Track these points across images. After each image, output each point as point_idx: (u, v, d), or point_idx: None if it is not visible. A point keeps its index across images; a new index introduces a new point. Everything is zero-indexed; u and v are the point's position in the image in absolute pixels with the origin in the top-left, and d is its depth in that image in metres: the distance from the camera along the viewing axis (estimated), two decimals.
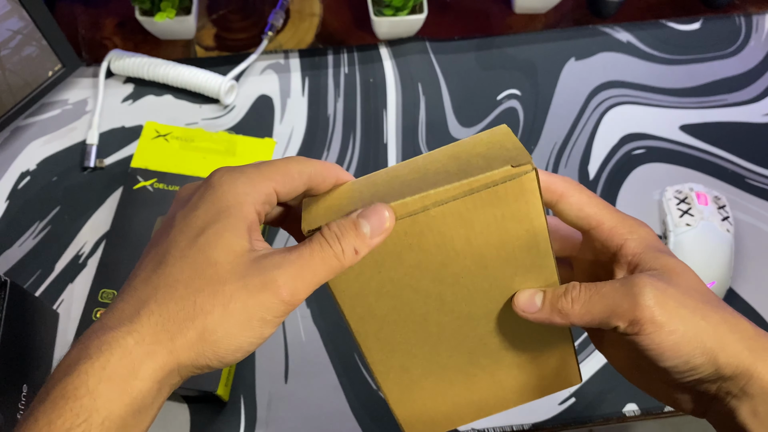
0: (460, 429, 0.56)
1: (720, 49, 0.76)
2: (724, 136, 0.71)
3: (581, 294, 0.35)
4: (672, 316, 0.33)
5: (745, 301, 0.62)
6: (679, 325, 0.33)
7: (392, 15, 0.72)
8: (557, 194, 0.37)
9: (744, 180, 0.68)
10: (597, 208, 0.37)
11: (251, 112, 0.71)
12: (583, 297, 0.35)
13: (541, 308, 0.36)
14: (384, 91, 0.72)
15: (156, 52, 0.73)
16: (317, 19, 0.77)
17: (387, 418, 0.56)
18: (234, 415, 0.56)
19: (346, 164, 0.68)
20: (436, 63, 0.74)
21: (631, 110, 0.72)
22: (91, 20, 0.76)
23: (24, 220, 0.64)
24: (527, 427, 0.56)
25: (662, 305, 0.33)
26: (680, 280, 0.34)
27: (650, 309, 0.33)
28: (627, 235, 0.36)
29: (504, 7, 0.79)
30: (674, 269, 0.34)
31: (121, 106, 0.70)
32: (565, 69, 0.74)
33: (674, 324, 0.33)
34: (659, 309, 0.33)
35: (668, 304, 0.33)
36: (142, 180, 0.61)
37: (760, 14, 0.79)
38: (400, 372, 0.38)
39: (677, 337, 0.33)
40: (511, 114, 0.72)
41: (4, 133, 0.68)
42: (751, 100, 0.73)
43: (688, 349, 0.33)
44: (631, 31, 0.77)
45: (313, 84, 0.72)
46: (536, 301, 0.36)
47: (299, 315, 0.60)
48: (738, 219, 0.66)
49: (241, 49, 0.74)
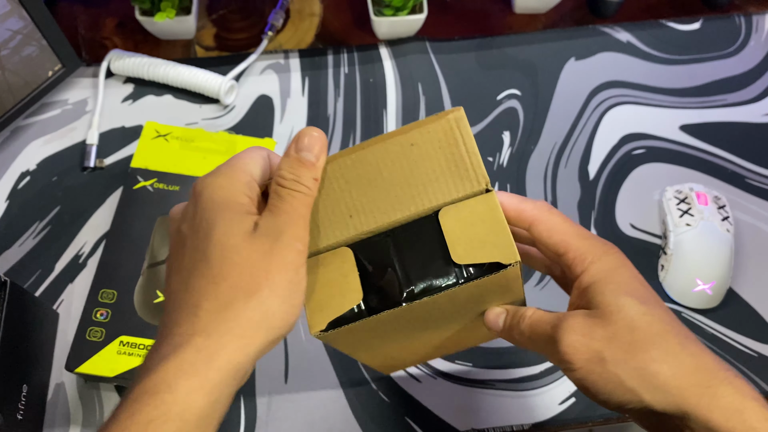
0: (460, 429, 0.56)
1: (720, 49, 0.76)
2: (724, 136, 0.71)
3: (527, 322, 0.37)
4: (590, 359, 0.34)
5: (745, 301, 0.62)
6: (596, 366, 0.34)
7: (392, 15, 0.72)
8: (527, 222, 0.38)
9: (744, 180, 0.69)
10: (565, 235, 0.38)
11: (251, 112, 0.71)
12: (528, 327, 0.37)
13: (503, 329, 0.39)
14: (384, 91, 0.72)
15: (156, 52, 0.73)
16: (317, 19, 0.77)
17: (387, 418, 0.56)
18: (234, 415, 0.56)
19: None
20: (436, 63, 0.74)
21: (631, 110, 0.72)
22: (91, 20, 0.76)
23: (24, 220, 0.64)
24: (527, 427, 0.56)
25: (580, 350, 0.34)
26: (614, 320, 0.35)
27: (568, 353, 0.35)
28: (586, 265, 0.37)
29: (504, 7, 0.79)
30: (611, 309, 0.35)
31: (121, 106, 0.70)
32: (565, 69, 0.75)
33: (592, 366, 0.34)
34: (576, 354, 0.34)
35: (589, 346, 0.34)
36: (142, 180, 0.61)
37: (760, 14, 0.79)
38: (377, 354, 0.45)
39: (596, 377, 0.34)
40: (511, 114, 0.72)
41: (4, 133, 0.68)
42: (751, 100, 0.73)
43: (609, 388, 0.34)
44: (631, 31, 0.77)
45: (313, 84, 0.72)
46: (499, 322, 0.39)
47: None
48: (738, 219, 0.66)
49: (241, 49, 0.74)
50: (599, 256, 0.37)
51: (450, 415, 0.56)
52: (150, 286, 0.55)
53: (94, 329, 0.54)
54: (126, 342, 0.53)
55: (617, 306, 0.35)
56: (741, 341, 0.60)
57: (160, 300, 0.55)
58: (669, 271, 0.62)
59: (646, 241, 0.65)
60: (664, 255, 0.63)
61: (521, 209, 0.38)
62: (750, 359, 0.60)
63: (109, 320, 0.54)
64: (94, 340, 0.53)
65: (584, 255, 0.37)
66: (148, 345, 0.53)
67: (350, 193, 0.37)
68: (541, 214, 0.38)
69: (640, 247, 0.65)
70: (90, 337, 0.53)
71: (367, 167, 0.36)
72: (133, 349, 0.53)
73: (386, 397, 0.57)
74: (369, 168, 0.36)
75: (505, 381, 0.58)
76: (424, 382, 0.58)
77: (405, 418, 0.56)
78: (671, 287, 0.62)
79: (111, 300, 0.55)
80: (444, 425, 0.56)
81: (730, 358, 0.60)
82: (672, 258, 0.62)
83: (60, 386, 0.56)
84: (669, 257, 0.62)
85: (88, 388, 0.56)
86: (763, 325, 0.61)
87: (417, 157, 0.36)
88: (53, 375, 0.57)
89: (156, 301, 0.55)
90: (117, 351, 0.53)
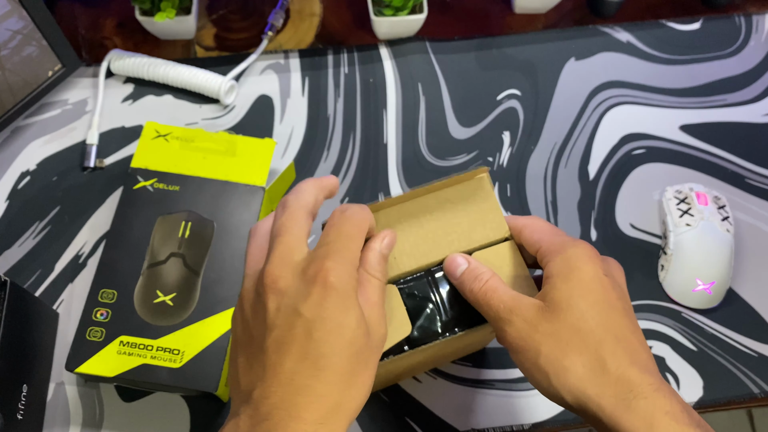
0: (460, 429, 0.56)
1: (720, 49, 0.76)
2: (724, 136, 0.71)
3: (481, 287, 0.40)
4: (528, 349, 0.37)
5: (745, 301, 0.62)
6: (532, 358, 0.37)
7: (392, 15, 0.72)
8: (519, 229, 0.43)
9: (744, 180, 0.69)
10: (542, 233, 0.42)
11: (251, 112, 0.71)
12: (482, 294, 0.40)
13: (457, 279, 0.42)
14: (384, 91, 0.72)
15: (156, 52, 0.73)
16: (317, 19, 0.77)
17: (387, 418, 0.56)
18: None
19: (346, 164, 0.68)
20: (436, 63, 0.74)
21: (631, 110, 0.72)
22: (91, 20, 0.76)
23: (24, 220, 0.64)
24: (527, 427, 0.56)
25: (524, 338, 0.37)
26: (560, 318, 0.37)
27: (513, 339, 0.38)
28: (549, 258, 0.39)
29: (504, 7, 0.79)
30: (561, 306, 0.37)
31: (121, 106, 0.70)
32: (565, 69, 0.75)
33: (529, 356, 0.37)
34: (518, 341, 0.38)
35: (532, 338, 0.37)
36: (142, 180, 0.61)
37: (760, 14, 0.79)
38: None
39: (530, 366, 0.37)
40: (511, 114, 0.72)
41: (4, 133, 0.68)
42: (751, 100, 0.73)
43: (538, 380, 0.37)
44: (631, 31, 0.77)
45: (313, 84, 0.72)
46: (456, 272, 0.42)
47: None
48: (738, 219, 0.66)
49: (241, 49, 0.74)
50: (565, 249, 0.39)
51: (450, 415, 0.56)
52: (150, 286, 0.55)
53: (94, 329, 0.54)
54: (126, 342, 0.53)
55: (567, 305, 0.37)
56: (741, 341, 0.60)
57: (160, 300, 0.55)
58: (669, 271, 0.62)
59: (646, 241, 0.65)
60: (664, 255, 0.63)
61: (515, 219, 0.44)
62: (750, 359, 0.60)
63: (109, 320, 0.54)
64: (94, 340, 0.53)
65: (552, 248, 0.40)
66: (148, 345, 0.53)
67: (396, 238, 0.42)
68: (530, 220, 0.43)
69: (640, 247, 0.65)
70: (90, 337, 0.53)
71: (410, 218, 0.44)
72: (133, 349, 0.53)
73: (386, 397, 0.57)
74: (411, 218, 0.44)
75: (505, 381, 0.58)
76: (424, 382, 0.58)
77: (405, 418, 0.56)
78: (671, 287, 0.62)
79: (111, 300, 0.55)
80: (444, 425, 0.56)
81: (730, 357, 0.60)
82: (672, 258, 0.62)
83: (60, 386, 0.56)
84: (669, 257, 0.62)
85: (88, 388, 0.56)
86: (763, 325, 0.61)
87: (451, 210, 0.44)
88: (53, 375, 0.57)
89: (156, 301, 0.55)
90: (117, 351, 0.53)
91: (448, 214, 0.44)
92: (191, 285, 0.56)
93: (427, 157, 0.68)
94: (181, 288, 0.55)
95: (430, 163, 0.68)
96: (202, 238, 0.57)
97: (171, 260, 0.56)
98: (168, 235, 0.57)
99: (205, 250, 0.57)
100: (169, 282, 0.56)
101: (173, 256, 0.57)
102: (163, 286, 0.55)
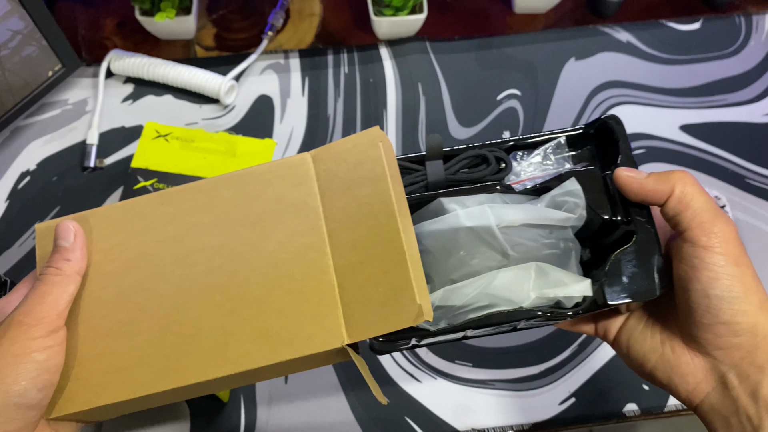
0: (460, 429, 0.56)
1: (720, 49, 0.76)
2: (724, 136, 0.71)
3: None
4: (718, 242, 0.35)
5: None
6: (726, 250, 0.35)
7: (392, 15, 0.72)
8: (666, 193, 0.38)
9: (744, 180, 0.69)
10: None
11: (251, 112, 0.71)
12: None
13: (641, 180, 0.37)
14: (384, 91, 0.72)
15: (156, 52, 0.73)
16: (317, 19, 0.77)
17: (387, 418, 0.56)
18: (234, 415, 0.56)
19: None
20: (436, 63, 0.74)
21: (631, 110, 0.72)
22: (91, 20, 0.76)
23: (24, 220, 0.64)
24: (527, 427, 0.56)
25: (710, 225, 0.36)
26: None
27: (699, 214, 0.36)
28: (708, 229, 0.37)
29: (504, 7, 0.79)
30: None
31: (121, 106, 0.70)
32: (565, 69, 0.75)
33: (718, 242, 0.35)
34: (707, 216, 0.36)
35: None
36: (143, 180, 0.61)
37: (760, 14, 0.79)
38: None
39: (721, 252, 0.35)
40: (511, 114, 0.72)
41: (4, 133, 0.68)
42: (751, 100, 0.73)
43: (734, 289, 0.35)
44: (631, 31, 0.77)
45: (313, 84, 0.72)
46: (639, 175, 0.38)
47: None
48: (738, 219, 0.66)
49: (241, 49, 0.74)
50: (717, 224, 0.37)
51: (450, 415, 0.56)
52: None
53: None
54: None
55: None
56: None
57: None
58: None
59: None
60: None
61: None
62: None
63: None
64: None
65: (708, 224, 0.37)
66: None
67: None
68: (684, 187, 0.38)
69: None
70: None
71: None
72: None
73: (386, 397, 0.57)
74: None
75: (505, 381, 0.58)
76: (424, 382, 0.58)
77: (405, 418, 0.56)
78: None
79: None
80: (444, 425, 0.56)
81: None
82: None
83: None
84: None
85: None
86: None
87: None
88: None
89: None
90: None
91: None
92: None
93: None
94: None
95: None
96: None
97: None
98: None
99: None
100: None
101: None
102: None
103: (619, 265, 0.38)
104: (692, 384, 0.37)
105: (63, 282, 0.37)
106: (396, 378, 0.58)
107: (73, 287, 0.37)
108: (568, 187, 0.38)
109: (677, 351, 0.37)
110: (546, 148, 0.42)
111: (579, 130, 0.42)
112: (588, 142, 0.42)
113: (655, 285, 0.37)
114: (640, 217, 0.38)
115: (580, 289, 0.37)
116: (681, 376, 0.37)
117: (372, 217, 0.35)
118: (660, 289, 0.37)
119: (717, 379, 0.36)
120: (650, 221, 0.38)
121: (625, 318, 0.41)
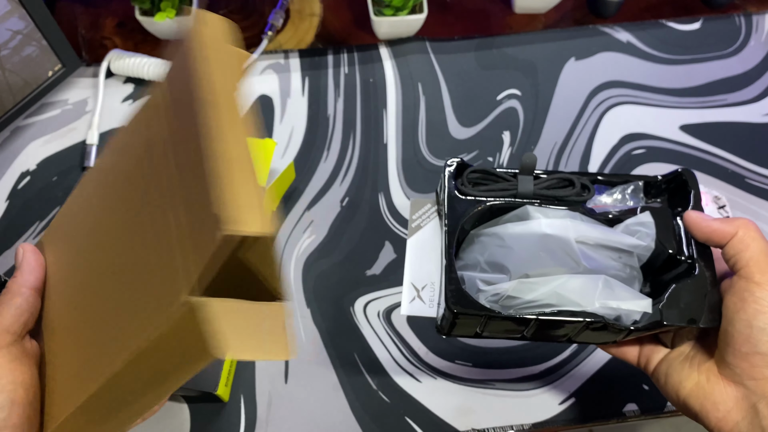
0: (460, 429, 0.56)
1: (720, 49, 0.76)
2: (724, 136, 0.71)
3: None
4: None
5: None
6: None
7: (392, 15, 0.72)
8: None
9: (744, 180, 0.69)
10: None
11: (251, 112, 0.70)
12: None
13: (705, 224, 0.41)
14: (384, 91, 0.72)
15: (156, 52, 0.73)
16: (317, 19, 0.77)
17: (387, 418, 0.56)
18: (234, 415, 0.56)
19: (346, 164, 0.68)
20: (436, 63, 0.74)
21: (631, 110, 0.72)
22: (91, 20, 0.76)
23: (24, 220, 0.64)
24: (527, 427, 0.56)
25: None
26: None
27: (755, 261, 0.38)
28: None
29: (504, 7, 0.79)
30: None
31: (121, 106, 0.70)
32: (565, 69, 0.75)
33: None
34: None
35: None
36: None
37: (760, 14, 0.79)
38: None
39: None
40: (511, 114, 0.72)
41: (4, 133, 0.68)
42: (751, 100, 0.73)
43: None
44: (631, 31, 0.77)
45: (313, 84, 0.72)
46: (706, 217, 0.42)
47: (299, 315, 0.60)
48: None
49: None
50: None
51: (450, 415, 0.56)
52: None
53: None
54: None
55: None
56: None
57: None
58: None
59: None
60: None
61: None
62: None
63: None
64: None
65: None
66: None
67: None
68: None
69: None
70: None
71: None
72: None
73: (386, 397, 0.57)
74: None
75: (505, 381, 0.58)
76: (424, 382, 0.58)
77: (405, 418, 0.56)
78: None
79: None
80: (444, 425, 0.56)
81: None
82: None
83: None
84: None
85: None
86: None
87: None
88: None
89: None
90: None
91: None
92: None
93: (427, 157, 0.68)
94: None
95: (430, 163, 0.68)
96: None
97: None
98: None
99: None
100: None
101: None
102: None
103: (677, 295, 0.41)
104: (723, 411, 0.38)
105: (6, 297, 0.39)
106: (396, 378, 0.58)
107: (19, 300, 0.38)
108: (642, 218, 0.43)
109: (712, 380, 0.39)
110: (625, 189, 0.47)
111: (656, 178, 0.47)
112: (661, 194, 0.47)
113: (708, 317, 0.40)
114: (700, 255, 0.42)
115: (641, 305, 0.40)
116: (713, 404, 0.39)
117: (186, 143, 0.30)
118: (711, 322, 0.40)
119: (748, 409, 0.37)
120: (710, 261, 0.42)
121: (668, 351, 0.44)
